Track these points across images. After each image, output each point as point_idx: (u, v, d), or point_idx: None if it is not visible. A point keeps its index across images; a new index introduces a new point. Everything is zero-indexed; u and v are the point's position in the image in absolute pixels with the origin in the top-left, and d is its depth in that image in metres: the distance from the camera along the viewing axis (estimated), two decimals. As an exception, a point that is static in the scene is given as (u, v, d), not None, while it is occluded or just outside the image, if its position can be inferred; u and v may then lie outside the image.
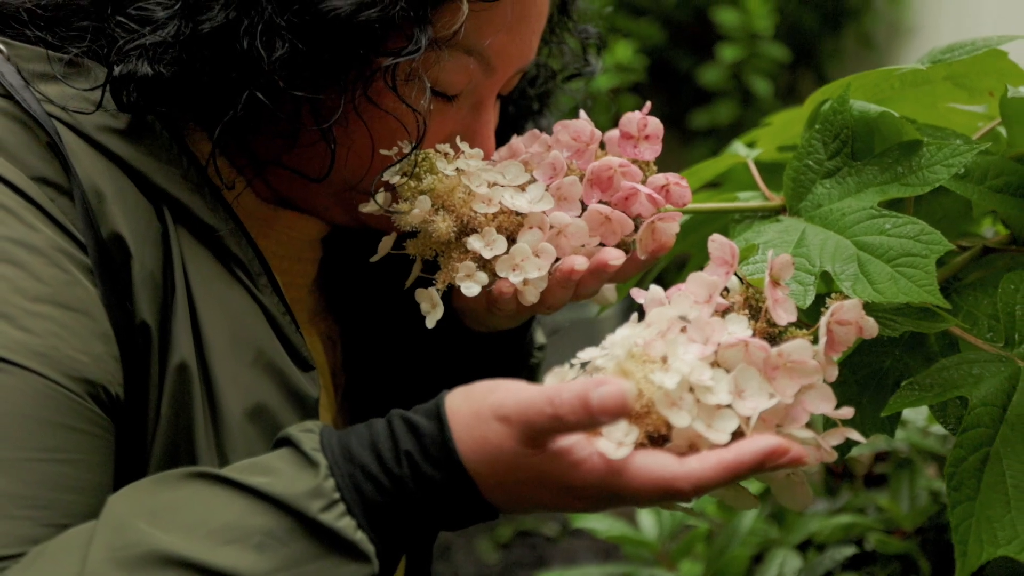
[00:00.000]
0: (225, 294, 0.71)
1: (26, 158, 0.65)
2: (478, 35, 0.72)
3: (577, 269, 0.68)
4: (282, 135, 0.72)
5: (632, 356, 0.57)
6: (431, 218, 0.66)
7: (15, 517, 0.58)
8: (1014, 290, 0.71)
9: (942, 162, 0.67)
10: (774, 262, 0.61)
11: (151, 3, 0.68)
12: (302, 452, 0.60)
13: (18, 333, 0.61)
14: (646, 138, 0.70)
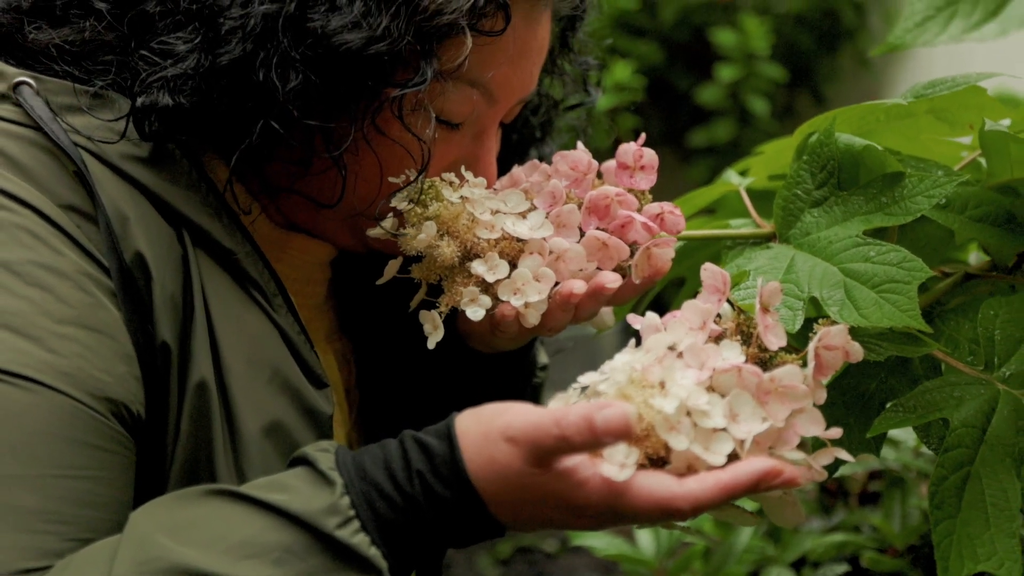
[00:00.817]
0: (242, 315, 0.74)
1: (54, 186, 0.69)
2: (481, 68, 0.75)
3: (576, 293, 0.71)
4: (295, 162, 0.75)
5: (632, 381, 0.59)
6: (436, 243, 0.69)
7: (39, 532, 0.61)
8: (993, 315, 0.74)
9: (923, 193, 0.70)
10: (764, 289, 0.64)
11: (172, 38, 0.71)
12: (319, 471, 0.63)
13: (45, 354, 0.64)
14: (641, 168, 0.73)
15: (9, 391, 0.62)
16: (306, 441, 0.76)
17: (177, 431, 0.70)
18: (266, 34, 0.69)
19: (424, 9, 0.70)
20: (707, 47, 3.00)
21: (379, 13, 0.69)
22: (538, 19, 0.78)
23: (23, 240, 0.66)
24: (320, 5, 0.70)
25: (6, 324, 0.63)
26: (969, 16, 0.54)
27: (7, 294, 0.64)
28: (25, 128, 0.70)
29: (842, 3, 2.96)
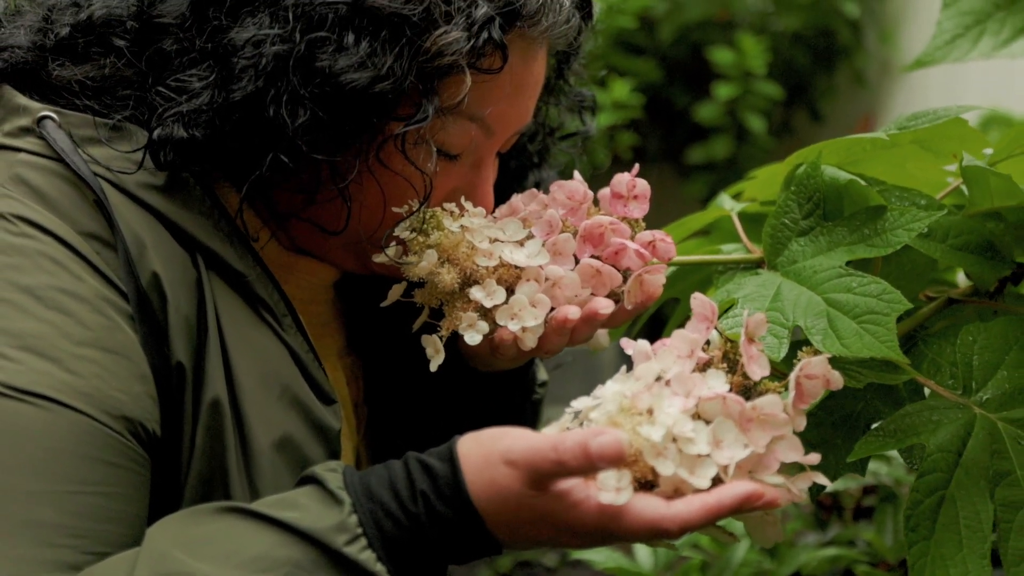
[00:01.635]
0: (253, 335, 0.77)
1: (74, 215, 0.72)
2: (480, 103, 0.78)
3: (571, 318, 0.74)
4: (302, 191, 0.78)
5: (622, 409, 0.62)
6: (437, 270, 0.72)
7: (58, 545, 0.64)
8: (972, 341, 0.77)
9: (903, 226, 0.73)
10: (749, 320, 0.66)
11: (188, 75, 0.74)
12: (328, 490, 0.66)
13: (65, 375, 0.67)
14: (635, 198, 0.76)
15: (30, 410, 0.65)
16: (315, 455, 0.79)
17: (192, 446, 0.73)
18: (277, 73, 0.72)
19: (426, 50, 0.74)
20: (705, 65, 3.03)
21: (384, 54, 0.73)
22: (534, 56, 0.81)
23: (45, 266, 0.69)
24: (328, 46, 0.73)
25: (28, 346, 0.67)
26: (998, 34, 0.56)
27: (30, 317, 0.68)
28: (48, 160, 0.74)
29: (838, 22, 2.99)
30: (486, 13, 0.75)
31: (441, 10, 0.74)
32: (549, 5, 0.79)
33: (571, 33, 0.84)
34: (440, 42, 0.74)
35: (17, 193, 0.72)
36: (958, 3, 0.56)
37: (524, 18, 0.77)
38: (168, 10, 0.76)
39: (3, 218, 0.70)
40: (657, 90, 3.13)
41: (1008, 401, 0.73)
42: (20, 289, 0.68)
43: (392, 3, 0.73)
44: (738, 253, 0.87)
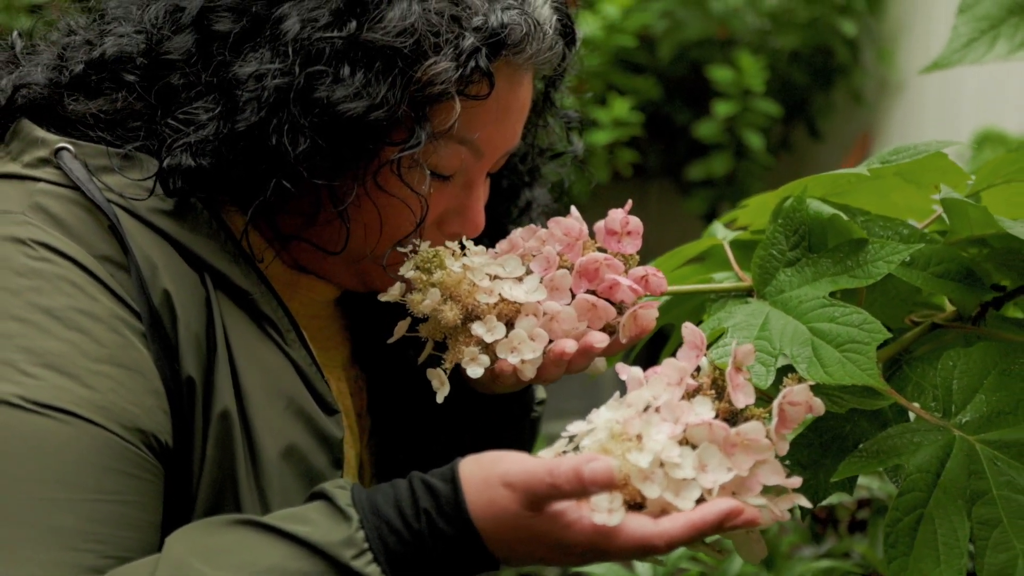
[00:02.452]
0: (259, 350, 0.82)
1: (90, 239, 0.77)
2: (468, 127, 0.83)
3: (568, 352, 0.78)
4: (304, 214, 0.82)
5: (613, 436, 0.66)
6: (440, 307, 0.75)
7: (80, 550, 0.68)
8: (952, 366, 0.80)
9: (884, 258, 0.77)
10: (738, 351, 0.70)
11: (194, 107, 0.79)
12: (337, 506, 0.70)
13: (83, 390, 0.72)
14: (628, 234, 0.80)
15: (51, 424, 0.70)
16: (319, 463, 0.83)
17: (203, 456, 0.78)
18: (278, 104, 0.77)
19: (417, 80, 0.78)
20: (704, 82, 3.08)
21: (377, 84, 0.77)
22: (520, 81, 0.86)
23: (63, 288, 0.74)
24: (326, 78, 0.77)
25: (49, 363, 0.71)
26: (1012, 37, 0.59)
27: (50, 337, 0.72)
28: (65, 188, 0.78)
29: (835, 41, 3.03)
30: (473, 44, 0.79)
31: (431, 42, 0.79)
32: (533, 34, 0.83)
33: (555, 59, 0.88)
34: (430, 72, 0.78)
35: (37, 220, 0.76)
36: (973, 8, 0.59)
37: (509, 47, 0.82)
38: (175, 47, 0.80)
39: (24, 243, 0.75)
40: (657, 107, 3.18)
41: (986, 424, 0.77)
42: (41, 310, 0.73)
43: (385, 37, 0.77)
44: (730, 281, 0.90)
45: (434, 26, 0.79)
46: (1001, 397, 0.78)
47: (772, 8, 3.08)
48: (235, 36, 0.79)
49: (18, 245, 0.75)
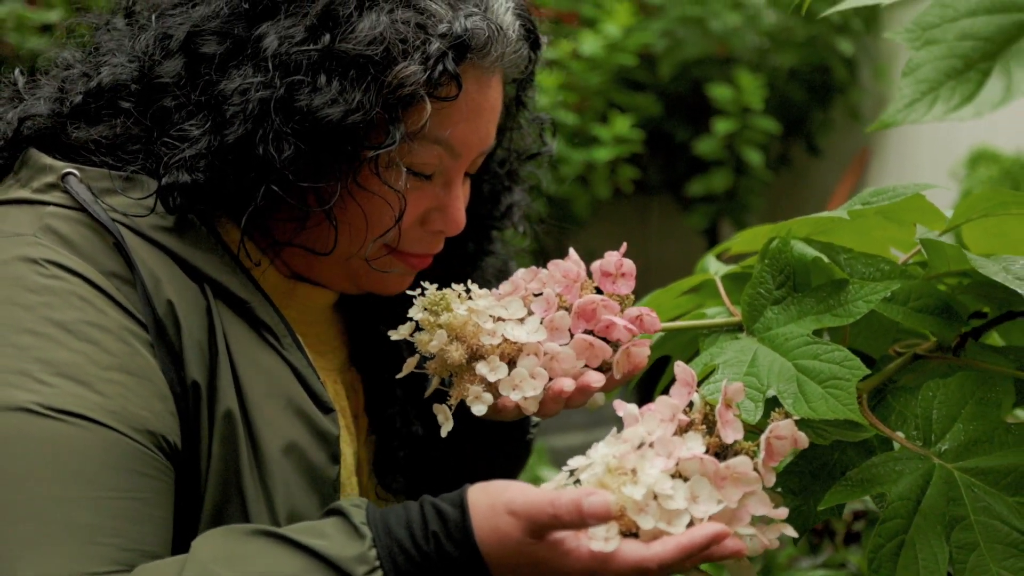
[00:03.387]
0: (258, 354, 0.88)
1: (97, 256, 0.83)
2: (442, 127, 0.89)
3: (566, 390, 0.83)
4: (293, 219, 0.89)
5: (610, 471, 0.71)
6: (447, 347, 0.80)
7: (101, 543, 0.74)
8: (932, 396, 0.85)
9: (863, 298, 0.81)
10: (728, 388, 0.75)
11: (187, 125, 0.85)
12: (352, 524, 0.75)
13: (95, 396, 0.77)
14: (622, 275, 0.84)
15: (67, 428, 0.75)
16: (318, 459, 0.90)
17: (210, 454, 0.83)
18: (262, 115, 0.83)
19: (388, 83, 0.84)
20: (704, 100, 3.13)
21: (352, 90, 0.84)
22: (488, 83, 0.92)
23: (74, 303, 0.80)
24: (304, 87, 0.84)
25: (63, 373, 0.77)
26: (949, 100, 0.64)
27: (63, 348, 0.78)
28: (72, 210, 0.84)
29: (833, 59, 3.07)
30: (439, 48, 0.86)
31: (399, 49, 0.85)
32: (496, 38, 0.90)
33: (520, 62, 0.95)
34: (400, 75, 0.84)
35: (47, 241, 0.82)
36: (915, 72, 0.64)
37: (474, 50, 0.88)
38: (166, 71, 0.87)
39: (36, 263, 0.80)
40: (658, 124, 3.23)
41: (964, 452, 0.81)
42: (54, 324, 0.78)
43: (356, 47, 0.84)
44: (722, 316, 0.95)
45: (401, 34, 0.85)
46: (978, 426, 0.82)
47: (771, 27, 3.13)
48: (220, 57, 0.86)
49: (31, 264, 0.80)
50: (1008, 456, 0.80)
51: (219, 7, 0.87)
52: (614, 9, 3.07)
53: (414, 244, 0.95)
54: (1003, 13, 0.63)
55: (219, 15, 0.87)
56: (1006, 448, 0.81)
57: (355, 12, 0.85)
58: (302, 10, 0.85)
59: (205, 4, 0.88)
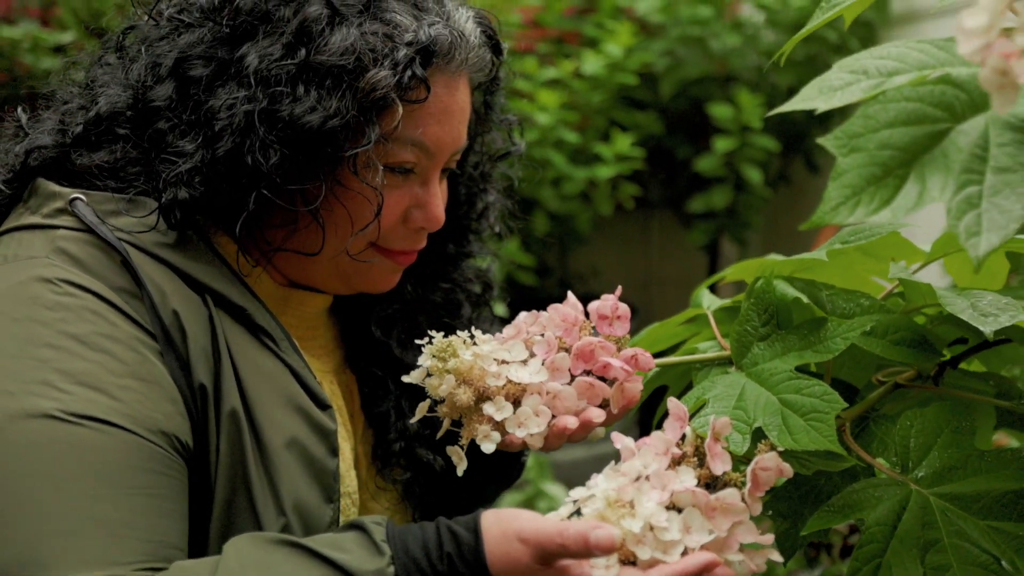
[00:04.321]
0: (257, 357, 0.95)
1: (106, 274, 0.90)
2: (415, 129, 0.97)
3: (570, 427, 0.89)
4: (284, 225, 0.96)
5: (609, 504, 0.77)
6: (455, 391, 0.86)
7: (123, 536, 0.81)
8: (909, 425, 0.91)
9: (841, 335, 0.87)
10: (716, 423, 0.81)
11: (181, 143, 0.93)
12: (373, 540, 0.82)
13: (111, 401, 0.85)
14: (618, 318, 0.90)
15: (86, 432, 0.83)
16: (318, 452, 0.97)
17: (218, 451, 0.91)
18: (248, 126, 0.91)
19: (362, 89, 0.92)
20: (704, 118, 3.16)
21: (329, 97, 0.91)
22: (456, 86, 1.00)
23: (87, 317, 0.87)
24: (285, 98, 0.91)
25: (80, 381, 0.84)
26: (870, 204, 0.70)
27: (79, 359, 0.85)
28: (81, 232, 0.92)
29: None
30: (406, 55, 0.93)
31: (370, 57, 0.93)
32: (458, 43, 0.98)
33: (484, 66, 1.04)
34: (372, 81, 0.92)
35: (59, 261, 0.89)
36: (841, 178, 0.70)
37: (439, 55, 0.96)
38: (158, 95, 0.95)
39: (50, 282, 0.88)
40: (659, 142, 3.27)
41: (939, 478, 0.87)
42: (69, 337, 0.86)
43: (330, 58, 0.91)
44: (714, 350, 1.01)
45: (371, 44, 0.93)
46: (952, 454, 0.88)
47: (769, 46, 3.16)
48: (207, 78, 0.93)
49: (45, 284, 0.87)
50: (980, 482, 0.86)
51: (203, 34, 0.95)
52: (616, 29, 3.11)
53: (398, 241, 1.03)
54: (917, 125, 0.69)
55: (203, 41, 0.95)
56: (979, 474, 0.86)
57: (327, 28, 0.93)
58: (278, 30, 0.93)
59: (190, 32, 0.96)
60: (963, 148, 0.67)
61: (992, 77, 0.55)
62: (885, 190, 0.68)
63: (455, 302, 1.18)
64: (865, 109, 0.70)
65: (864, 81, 0.72)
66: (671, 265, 3.80)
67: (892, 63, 0.72)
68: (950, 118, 0.68)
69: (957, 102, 0.68)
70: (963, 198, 0.65)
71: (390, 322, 1.13)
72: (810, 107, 0.73)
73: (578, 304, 0.91)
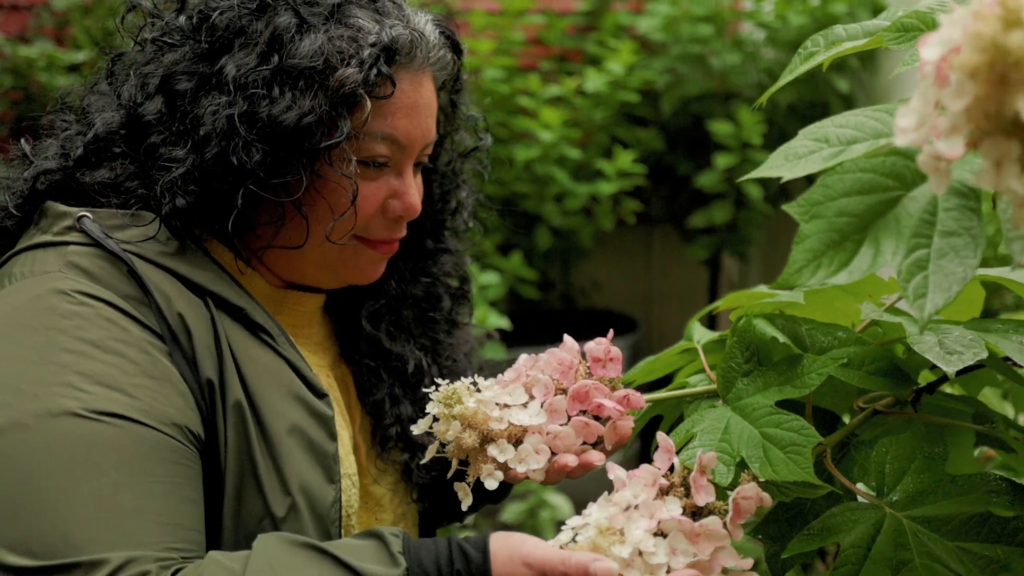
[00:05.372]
0: (257, 353, 1.05)
1: (115, 284, 0.99)
2: (385, 123, 1.07)
3: (570, 465, 0.96)
4: (271, 222, 1.06)
5: (601, 532, 0.84)
6: (461, 435, 0.93)
7: (143, 521, 0.90)
8: (885, 452, 0.97)
9: (816, 371, 0.94)
10: (702, 457, 0.88)
11: (173, 151, 1.02)
12: (390, 552, 0.90)
13: (127, 398, 0.93)
14: (610, 360, 0.98)
15: (106, 427, 0.92)
16: (318, 436, 1.06)
17: (226, 440, 1.00)
18: (231, 129, 1.00)
19: (331, 87, 1.01)
20: (705, 135, 3.19)
21: (303, 97, 1.01)
22: (420, 82, 1.09)
23: (101, 324, 0.96)
24: (263, 100, 1.01)
25: (99, 381, 0.93)
26: (829, 266, 0.76)
27: (96, 361, 0.94)
28: (89, 247, 1.01)
29: (831, 96, 3.11)
30: (371, 54, 1.03)
31: (337, 58, 1.02)
32: (418, 42, 1.08)
33: (446, 64, 1.13)
34: (340, 78, 1.02)
35: (72, 274, 0.98)
36: (803, 243, 0.77)
37: (401, 53, 1.06)
38: (148, 111, 1.04)
39: (65, 293, 0.97)
40: (660, 158, 3.30)
41: (911, 501, 0.93)
42: (86, 342, 0.95)
43: (301, 61, 1.01)
44: (703, 383, 1.08)
45: (338, 47, 1.02)
46: (924, 478, 0.95)
47: (769, 64, 3.19)
48: (191, 91, 1.03)
49: (61, 295, 0.96)
50: (950, 505, 0.92)
51: (185, 52, 1.05)
52: (618, 47, 3.14)
53: (379, 231, 1.12)
54: (871, 193, 0.76)
55: (186, 58, 1.04)
56: (949, 498, 0.93)
57: (296, 35, 1.02)
58: (252, 41, 1.02)
59: (172, 51, 1.05)
60: (913, 214, 0.73)
61: (928, 162, 0.62)
62: (843, 254, 0.75)
63: (435, 295, 1.28)
64: (824, 179, 0.77)
65: (825, 149, 0.79)
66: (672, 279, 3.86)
67: (851, 131, 0.80)
68: (901, 186, 0.75)
69: (907, 171, 0.75)
70: (912, 261, 0.71)
71: (378, 316, 1.23)
72: (777, 175, 0.80)
73: (575, 347, 0.98)
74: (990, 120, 0.59)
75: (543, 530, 2.48)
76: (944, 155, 0.60)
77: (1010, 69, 0.58)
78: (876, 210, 0.75)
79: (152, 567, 0.87)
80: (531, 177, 3.09)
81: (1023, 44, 0.56)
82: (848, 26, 1.02)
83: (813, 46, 1.05)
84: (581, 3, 3.50)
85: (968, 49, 0.58)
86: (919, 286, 0.70)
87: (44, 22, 2.99)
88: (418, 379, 1.23)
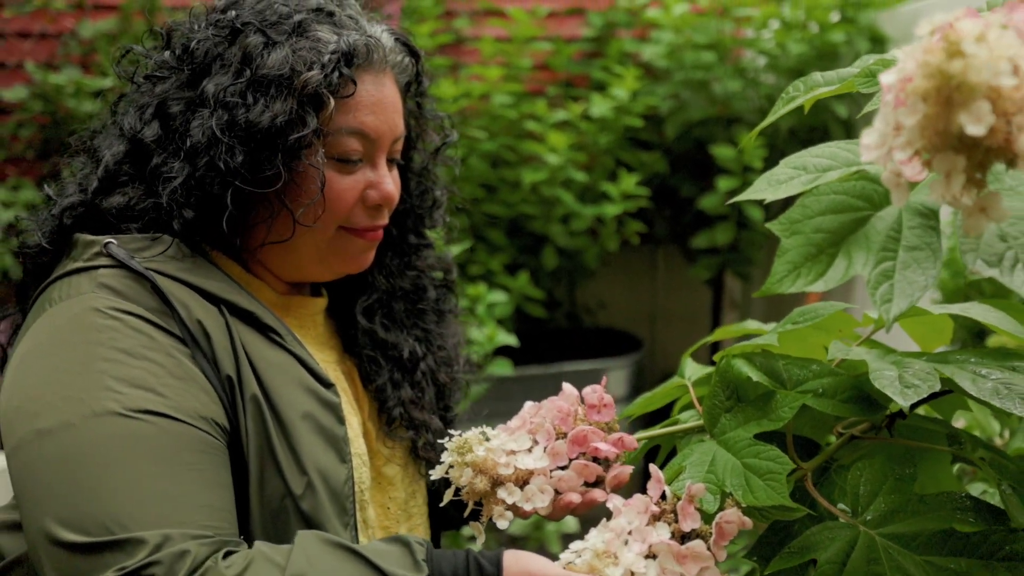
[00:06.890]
0: (268, 351, 1.18)
1: (141, 299, 1.12)
2: (354, 120, 1.21)
3: (574, 502, 1.07)
4: (261, 221, 1.20)
5: (597, 555, 0.95)
6: (473, 480, 1.04)
7: (179, 504, 1.02)
8: (859, 474, 1.06)
9: (787, 405, 1.03)
10: (691, 488, 0.98)
11: (171, 165, 1.16)
12: (414, 557, 1.01)
13: (159, 397, 1.06)
14: (604, 406, 1.08)
15: (142, 424, 1.04)
16: (328, 421, 1.19)
17: (247, 429, 1.12)
18: (215, 138, 1.15)
19: (297, 89, 1.15)
20: (708, 158, 3.26)
21: (274, 101, 1.15)
22: (382, 81, 1.23)
23: (131, 334, 1.09)
24: (240, 108, 1.15)
25: (134, 384, 1.06)
26: (807, 276, 0.85)
27: (130, 367, 1.07)
28: (116, 268, 1.14)
29: (830, 120, 3.17)
30: (331, 59, 1.16)
31: (302, 65, 1.16)
32: (374, 46, 1.22)
33: (405, 66, 1.28)
34: (304, 80, 1.16)
35: (103, 294, 1.11)
36: (784, 256, 0.86)
37: (359, 56, 1.19)
38: (147, 135, 1.19)
39: (99, 311, 1.10)
40: (664, 180, 3.37)
41: (883, 520, 1.01)
42: (120, 351, 1.08)
43: (271, 71, 1.15)
44: (694, 418, 1.18)
45: (301, 56, 1.16)
46: (895, 499, 1.03)
47: (770, 90, 3.24)
48: (181, 113, 1.17)
49: (95, 312, 1.10)
50: (918, 523, 1.00)
51: (172, 81, 1.20)
52: (623, 73, 3.21)
53: (362, 220, 1.26)
54: (844, 213, 0.86)
55: (174, 86, 1.19)
56: (918, 516, 1.01)
57: (265, 51, 1.16)
58: (226, 62, 1.17)
59: (163, 82, 1.20)
60: (881, 231, 0.83)
61: (890, 178, 0.72)
62: (819, 265, 0.85)
63: (422, 287, 1.44)
64: (803, 200, 0.87)
65: (803, 176, 0.90)
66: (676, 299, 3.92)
67: (825, 160, 0.90)
68: (870, 207, 0.85)
69: (875, 194, 0.85)
70: (880, 271, 0.81)
71: (371, 310, 1.38)
72: (760, 198, 0.90)
73: (573, 394, 1.09)
74: (940, 137, 0.69)
75: (548, 542, 2.58)
76: (904, 174, 0.70)
77: (953, 91, 0.68)
78: (848, 227, 0.84)
79: (190, 544, 0.98)
80: (538, 199, 3.18)
81: (963, 71, 0.67)
82: (825, 73, 1.12)
83: (794, 91, 1.15)
84: (587, 30, 3.57)
85: (919, 76, 0.68)
86: (886, 293, 0.80)
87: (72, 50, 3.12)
88: (413, 363, 1.39)
